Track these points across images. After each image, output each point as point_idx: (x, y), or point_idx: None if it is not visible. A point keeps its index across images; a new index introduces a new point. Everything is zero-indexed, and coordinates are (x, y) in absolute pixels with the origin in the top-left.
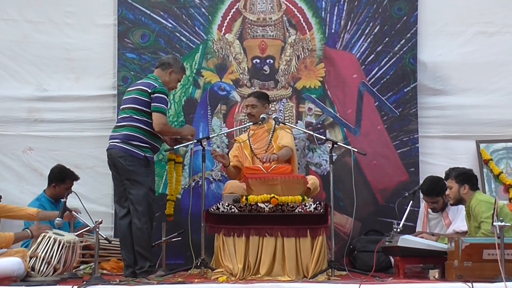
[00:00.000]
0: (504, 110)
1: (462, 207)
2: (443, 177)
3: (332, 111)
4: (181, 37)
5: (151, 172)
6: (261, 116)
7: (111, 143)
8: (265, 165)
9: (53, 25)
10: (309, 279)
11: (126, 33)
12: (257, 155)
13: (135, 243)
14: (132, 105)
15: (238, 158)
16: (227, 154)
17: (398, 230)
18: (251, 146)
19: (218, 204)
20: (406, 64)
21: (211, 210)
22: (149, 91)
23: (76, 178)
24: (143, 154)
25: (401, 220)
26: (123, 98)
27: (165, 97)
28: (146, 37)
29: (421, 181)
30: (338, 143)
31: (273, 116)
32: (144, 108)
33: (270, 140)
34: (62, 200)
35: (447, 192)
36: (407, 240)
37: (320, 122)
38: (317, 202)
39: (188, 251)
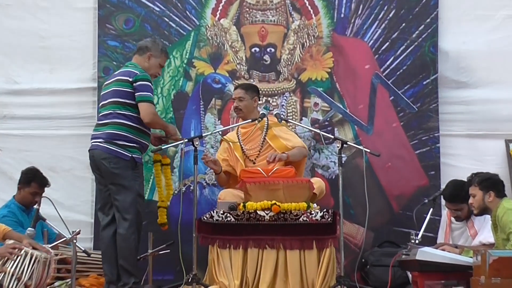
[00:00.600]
0: None
1: (489, 216)
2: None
3: (341, 106)
4: (170, 23)
5: (139, 175)
6: (261, 112)
7: (93, 143)
8: (265, 168)
9: (25, 8)
10: None
11: (108, 18)
12: (249, 156)
13: (119, 255)
14: (113, 99)
15: (228, 161)
16: None
17: (417, 241)
18: (242, 147)
19: (212, 212)
20: (425, 53)
21: (204, 219)
22: (130, 80)
23: (44, 183)
24: (130, 155)
25: (419, 230)
26: (102, 93)
27: (150, 84)
28: (130, 23)
29: (443, 186)
30: (348, 142)
31: (275, 113)
32: (127, 101)
33: (264, 138)
34: (34, 207)
35: (470, 200)
36: (427, 253)
37: (328, 119)
38: (324, 210)
39: (178, 265)
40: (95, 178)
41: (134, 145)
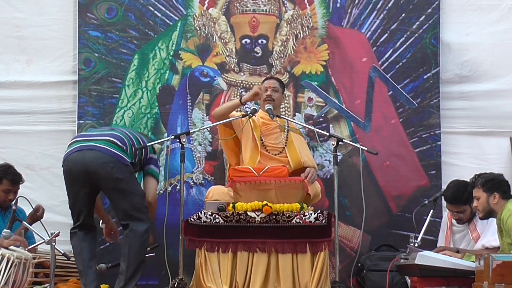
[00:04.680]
0: None
1: (493, 219)
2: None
3: (336, 101)
4: (156, 12)
5: (137, 179)
6: (252, 108)
7: (85, 144)
8: (256, 167)
9: None
10: None
11: (89, 6)
12: (267, 148)
13: (131, 259)
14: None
15: (242, 132)
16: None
17: (416, 245)
18: (261, 136)
19: (199, 213)
20: (426, 45)
21: (191, 221)
22: (142, 144)
23: (16, 179)
24: (129, 160)
25: (419, 233)
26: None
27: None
28: (113, 12)
29: (444, 186)
30: (344, 140)
31: (266, 108)
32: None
33: (286, 139)
34: (12, 207)
35: (475, 203)
36: (427, 257)
37: (323, 115)
38: (319, 211)
39: (163, 270)
40: (72, 183)
41: (129, 154)
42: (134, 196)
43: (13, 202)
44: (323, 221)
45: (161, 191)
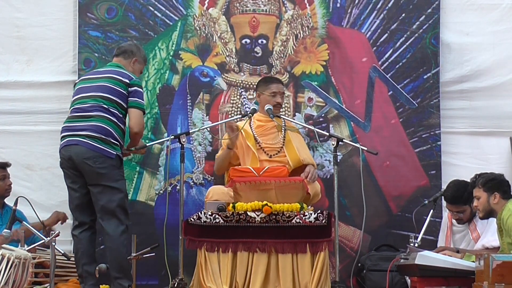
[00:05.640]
0: None
1: (493, 219)
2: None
3: (336, 101)
4: (156, 12)
5: (123, 174)
6: (252, 108)
7: (70, 139)
8: (256, 167)
9: None
10: None
11: (89, 6)
12: (265, 149)
13: (109, 258)
14: (101, 94)
15: (237, 147)
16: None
17: (416, 245)
18: (255, 137)
19: (199, 213)
20: (426, 45)
21: (191, 221)
22: (127, 81)
23: (4, 163)
24: (115, 153)
25: (419, 233)
26: (79, 86)
27: (142, 93)
28: (113, 12)
29: (444, 186)
30: (344, 140)
31: (266, 108)
32: (117, 100)
33: (284, 139)
34: (7, 206)
35: (475, 203)
36: (427, 257)
37: (323, 115)
38: (319, 211)
39: (163, 270)
40: (66, 177)
41: (117, 142)
42: (115, 193)
43: (12, 203)
44: (323, 221)
45: (161, 191)
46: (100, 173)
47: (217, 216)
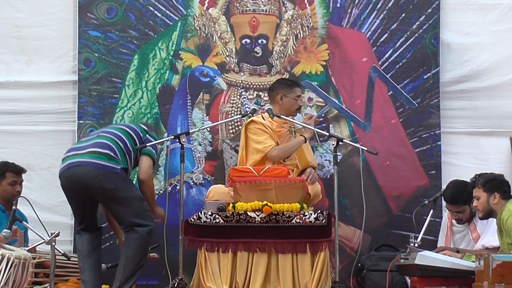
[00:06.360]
0: None
1: (493, 219)
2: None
3: (337, 101)
4: (156, 12)
5: (131, 182)
6: (252, 108)
7: (72, 161)
8: (256, 167)
9: None
10: None
11: (89, 6)
12: None
13: (128, 260)
14: (120, 127)
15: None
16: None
17: (416, 245)
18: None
19: (199, 213)
20: (426, 45)
21: (191, 221)
22: (146, 129)
23: (19, 169)
24: (119, 167)
25: (419, 233)
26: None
27: (156, 146)
28: (113, 12)
29: (444, 186)
30: (344, 140)
31: (266, 108)
32: (133, 135)
33: None
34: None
35: (474, 203)
36: (427, 257)
37: (323, 115)
38: (319, 211)
39: (163, 270)
40: (70, 200)
41: (119, 158)
42: (131, 201)
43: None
44: (323, 221)
45: (161, 191)
46: (110, 189)
47: (217, 216)
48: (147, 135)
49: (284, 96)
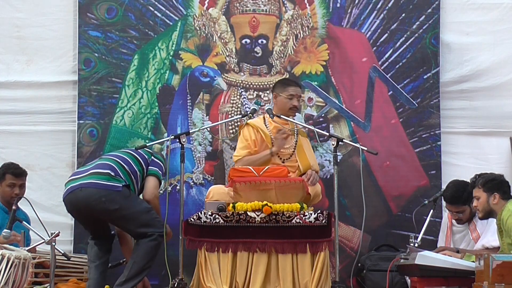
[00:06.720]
0: None
1: (493, 219)
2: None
3: (337, 101)
4: (156, 12)
5: (135, 196)
6: (252, 108)
7: (74, 185)
8: (256, 167)
9: None
10: None
11: (89, 6)
12: (279, 154)
13: (135, 263)
14: (125, 150)
15: (256, 143)
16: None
17: (416, 245)
18: (272, 139)
19: (199, 213)
20: (426, 45)
21: (191, 221)
22: (151, 152)
23: (18, 171)
24: (121, 185)
25: (419, 233)
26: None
27: (162, 166)
28: (113, 12)
29: (444, 186)
30: (344, 140)
31: (266, 108)
32: (139, 158)
33: (296, 143)
34: (18, 210)
35: (474, 203)
36: (427, 257)
37: (323, 115)
38: (319, 211)
39: (163, 270)
40: (77, 219)
41: (122, 178)
42: (137, 216)
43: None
44: (323, 221)
45: (161, 191)
46: (114, 209)
47: (217, 216)
48: (152, 157)
49: (278, 95)
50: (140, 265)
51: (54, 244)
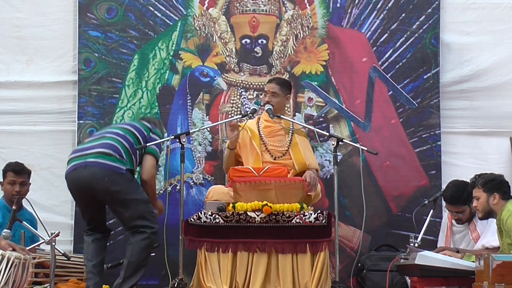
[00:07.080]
0: None
1: (493, 219)
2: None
3: (337, 101)
4: (156, 12)
5: (137, 183)
6: (252, 108)
7: (78, 162)
8: (256, 167)
9: None
10: None
11: (89, 6)
12: (271, 152)
13: (129, 265)
14: (123, 126)
15: (240, 145)
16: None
17: (416, 245)
18: (262, 138)
19: (199, 213)
20: (426, 45)
21: (191, 221)
22: (150, 128)
23: (19, 169)
24: (124, 167)
25: (419, 233)
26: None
27: (160, 144)
28: (113, 12)
29: (443, 186)
30: (344, 140)
31: (266, 108)
32: (137, 134)
33: (290, 142)
34: (23, 209)
35: (474, 203)
36: (427, 257)
37: (323, 115)
38: (319, 211)
39: (163, 270)
40: (77, 201)
41: (125, 159)
42: (136, 204)
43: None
44: (323, 221)
45: (161, 191)
46: (115, 191)
47: (217, 216)
48: (151, 134)
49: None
50: (135, 264)
51: (54, 244)
